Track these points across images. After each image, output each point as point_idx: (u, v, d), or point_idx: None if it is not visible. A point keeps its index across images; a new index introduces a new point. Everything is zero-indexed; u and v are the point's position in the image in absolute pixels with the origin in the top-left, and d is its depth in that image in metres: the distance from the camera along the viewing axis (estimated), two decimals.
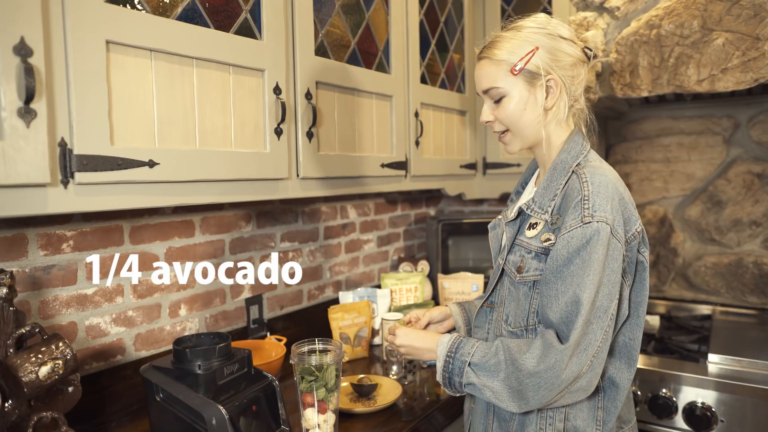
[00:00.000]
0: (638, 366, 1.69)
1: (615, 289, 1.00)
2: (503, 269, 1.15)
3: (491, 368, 1.03)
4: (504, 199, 2.56)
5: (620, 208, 1.02)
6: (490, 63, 1.09)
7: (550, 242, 1.04)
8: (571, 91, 1.09)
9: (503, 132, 1.14)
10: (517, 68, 1.06)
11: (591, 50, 1.12)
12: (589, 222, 0.98)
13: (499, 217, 1.26)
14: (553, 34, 1.07)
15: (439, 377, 1.10)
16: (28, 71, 0.82)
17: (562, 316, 0.99)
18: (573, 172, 1.07)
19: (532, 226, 1.09)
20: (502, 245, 1.19)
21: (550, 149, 1.12)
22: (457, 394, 1.11)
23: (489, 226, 1.29)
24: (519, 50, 1.06)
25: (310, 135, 1.40)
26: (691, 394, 1.62)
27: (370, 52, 1.66)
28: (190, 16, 1.12)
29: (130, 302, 1.41)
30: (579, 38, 1.11)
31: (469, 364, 1.05)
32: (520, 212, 1.14)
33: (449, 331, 1.35)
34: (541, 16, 1.11)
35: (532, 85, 1.07)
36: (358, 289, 1.92)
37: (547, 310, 1.02)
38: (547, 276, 1.02)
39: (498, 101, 1.10)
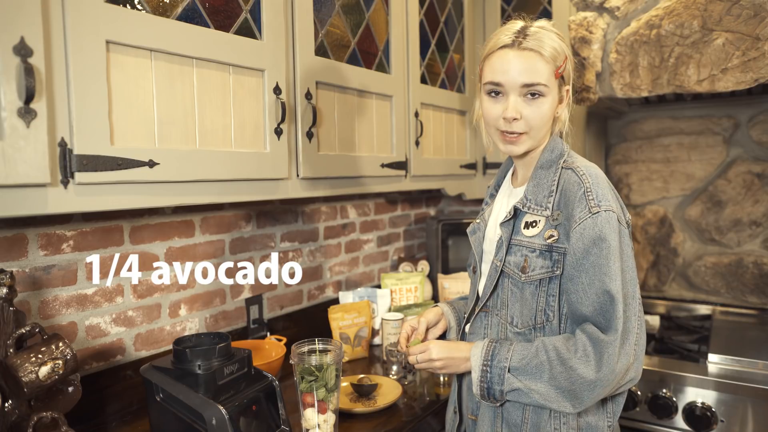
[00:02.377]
0: None
1: (635, 274, 1.04)
2: (503, 271, 1.12)
3: (533, 370, 1.01)
4: None
5: (617, 199, 1.06)
6: (540, 58, 1.04)
7: (553, 239, 1.05)
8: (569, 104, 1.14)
9: (520, 133, 1.08)
10: (560, 71, 1.07)
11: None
12: (597, 212, 1.00)
13: (477, 220, 1.25)
14: (569, 49, 1.12)
15: (476, 389, 1.06)
16: (28, 71, 0.82)
17: (596, 309, 1.00)
18: (562, 167, 1.09)
19: (531, 224, 1.09)
20: (497, 246, 1.15)
21: (534, 150, 1.15)
22: (497, 404, 1.07)
23: (468, 230, 1.26)
24: (561, 54, 1.07)
25: (310, 135, 1.40)
26: (691, 394, 1.62)
27: (370, 52, 1.66)
28: (190, 16, 1.12)
29: (130, 302, 1.41)
30: None
31: (508, 370, 1.03)
32: (517, 211, 1.12)
33: (444, 333, 1.31)
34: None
35: (558, 91, 1.10)
36: (358, 289, 1.92)
37: (578, 306, 1.02)
38: (569, 271, 1.03)
39: (534, 98, 1.06)
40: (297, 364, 1.17)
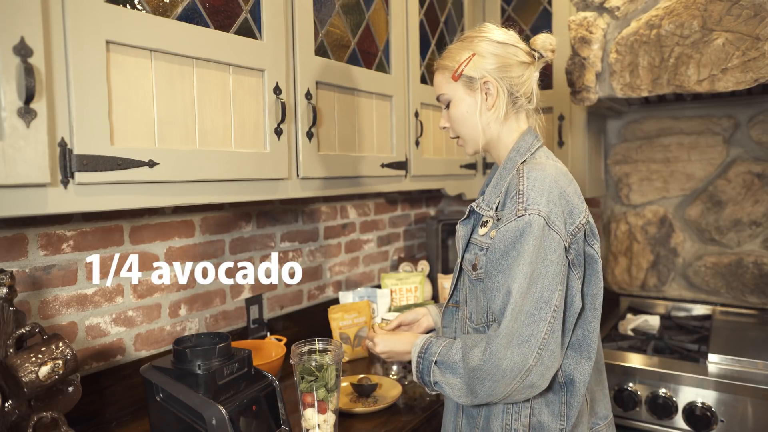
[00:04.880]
0: (638, 366, 1.70)
1: (556, 281, 1.00)
2: (461, 267, 1.17)
3: (451, 366, 1.07)
4: None
5: (560, 202, 1.03)
6: (438, 73, 1.19)
7: None
8: (513, 92, 1.13)
9: (457, 137, 1.21)
10: (456, 74, 1.14)
11: (536, 51, 1.17)
12: (522, 215, 1.01)
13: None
14: (491, 40, 1.14)
15: (414, 378, 1.14)
16: (28, 71, 0.82)
17: (500, 308, 1.02)
18: (517, 168, 1.10)
19: (484, 224, 1.13)
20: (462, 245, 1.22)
21: (500, 149, 1.17)
22: (433, 392, 1.15)
23: (457, 227, 1.29)
24: (458, 57, 1.15)
25: (310, 135, 1.40)
26: (691, 394, 1.62)
27: (370, 52, 1.66)
28: (190, 16, 1.12)
29: (130, 302, 1.41)
30: (529, 41, 1.18)
31: (435, 363, 1.09)
32: (471, 211, 1.18)
33: (429, 332, 1.37)
34: (486, 25, 1.17)
35: (471, 88, 1.14)
36: (358, 289, 1.92)
37: (491, 303, 1.05)
38: (488, 269, 1.05)
39: (447, 107, 1.19)
40: (297, 364, 1.17)
